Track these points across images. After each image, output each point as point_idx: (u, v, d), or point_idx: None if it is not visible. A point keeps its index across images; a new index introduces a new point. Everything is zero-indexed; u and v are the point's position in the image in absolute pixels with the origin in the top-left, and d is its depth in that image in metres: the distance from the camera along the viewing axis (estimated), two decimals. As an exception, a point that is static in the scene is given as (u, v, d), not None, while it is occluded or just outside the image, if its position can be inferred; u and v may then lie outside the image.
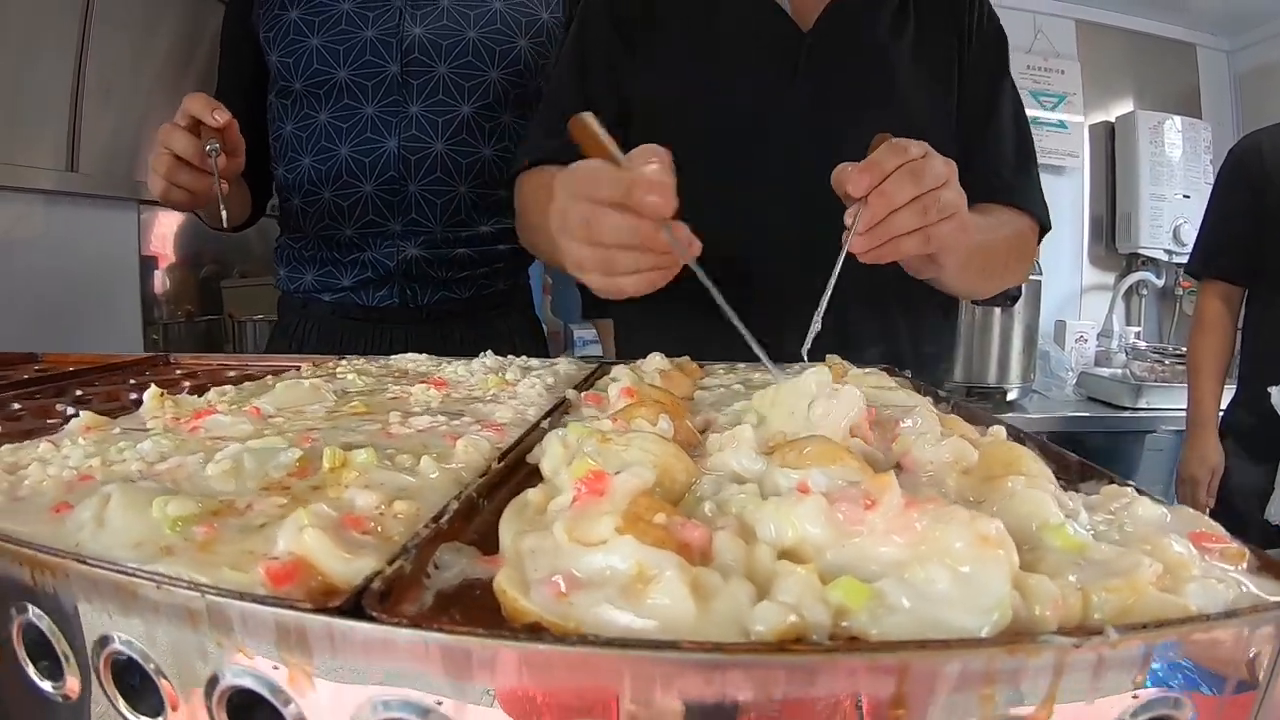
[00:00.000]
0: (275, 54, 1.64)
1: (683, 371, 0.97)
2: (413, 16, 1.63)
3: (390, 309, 1.67)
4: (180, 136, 1.31)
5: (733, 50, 1.38)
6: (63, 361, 1.38)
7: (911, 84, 1.38)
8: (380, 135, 1.62)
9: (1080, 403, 3.18)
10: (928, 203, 0.95)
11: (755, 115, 1.35)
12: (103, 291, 2.75)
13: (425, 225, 1.65)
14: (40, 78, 2.47)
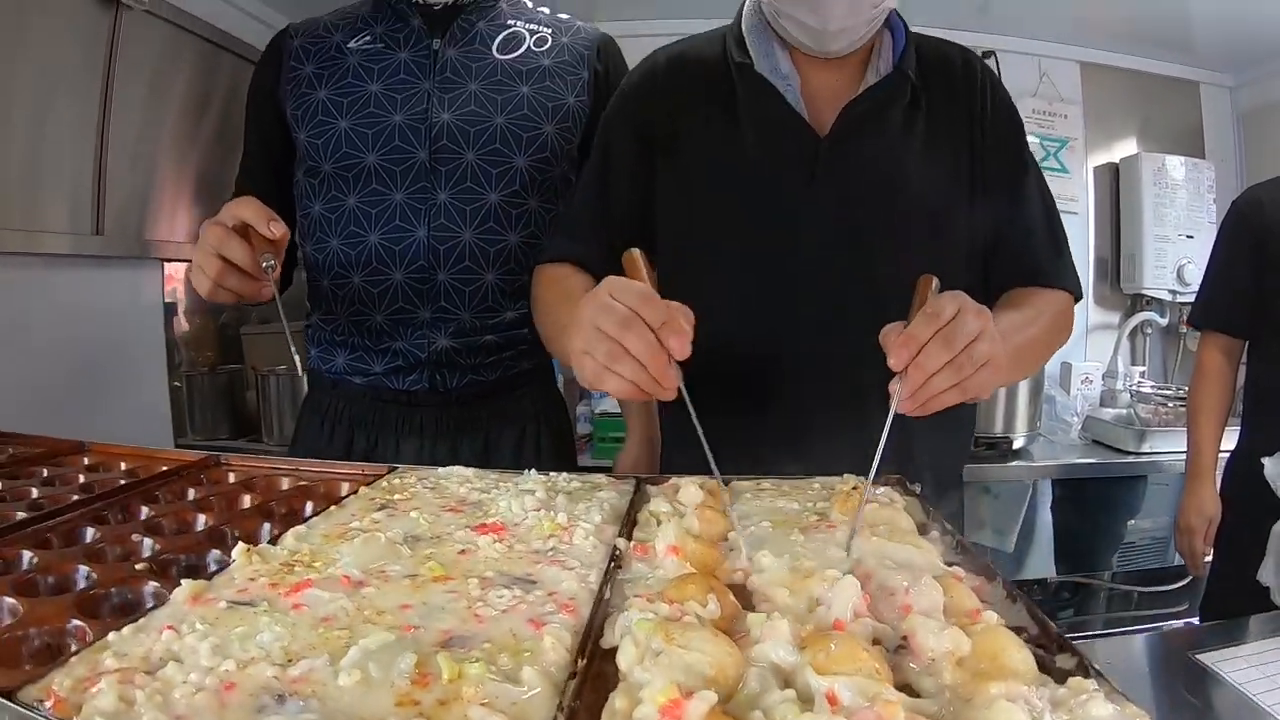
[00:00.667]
0: (303, 133, 1.69)
1: (713, 498, 1.07)
2: (441, 101, 1.67)
3: (420, 393, 1.71)
4: (235, 245, 1.36)
5: (753, 157, 1.45)
6: (111, 455, 1.45)
7: (927, 177, 1.45)
8: (410, 224, 1.66)
9: (1085, 447, 3.27)
10: (961, 362, 1.04)
11: (776, 221, 1.43)
12: (130, 347, 2.84)
13: (454, 313, 1.69)
14: (65, 142, 2.55)
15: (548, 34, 1.78)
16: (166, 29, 2.90)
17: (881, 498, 1.09)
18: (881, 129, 1.44)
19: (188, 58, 3.06)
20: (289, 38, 1.76)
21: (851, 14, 1.34)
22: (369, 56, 1.69)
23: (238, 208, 1.38)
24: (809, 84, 1.46)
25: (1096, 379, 3.74)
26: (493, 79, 1.70)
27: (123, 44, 2.69)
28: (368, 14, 1.75)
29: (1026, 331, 1.36)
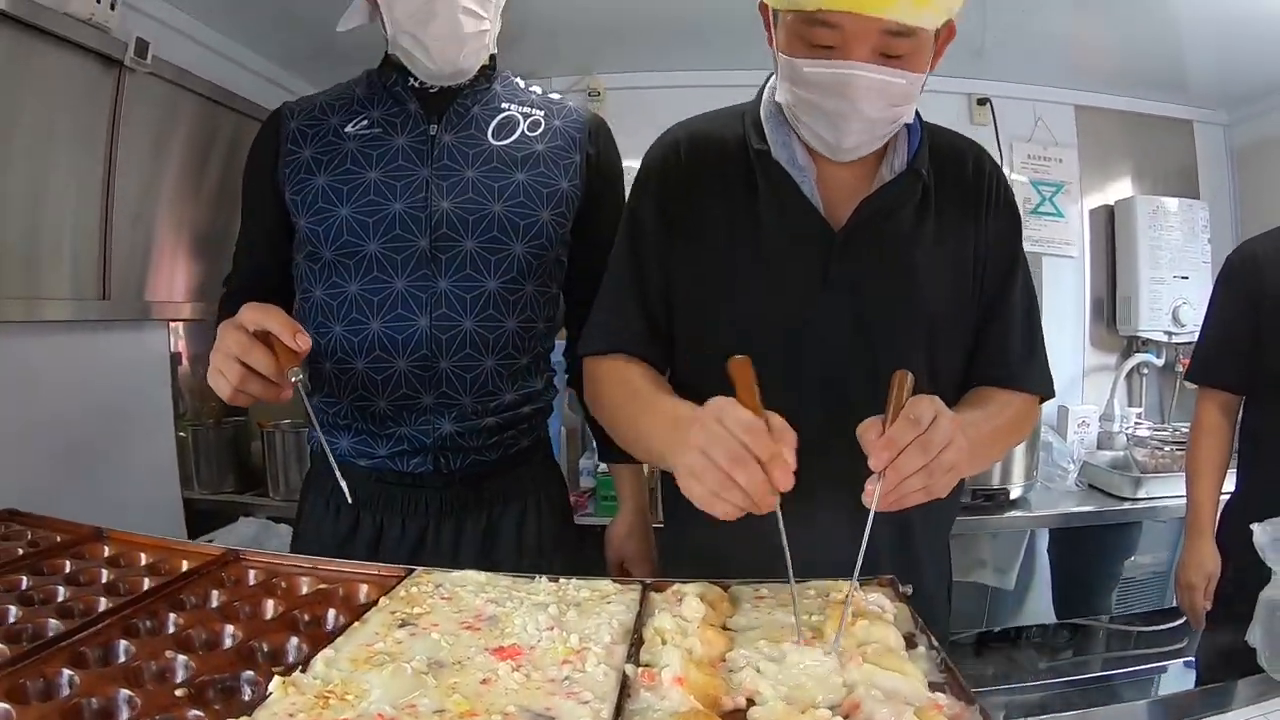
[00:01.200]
0: (304, 219, 1.71)
1: (715, 610, 1.14)
2: (440, 189, 1.70)
3: (425, 475, 1.75)
4: (259, 354, 1.40)
5: (770, 247, 1.50)
6: (130, 545, 1.51)
7: (933, 275, 1.50)
8: (412, 312, 1.69)
9: (1082, 494, 3.34)
10: (933, 468, 1.14)
11: (792, 314, 1.48)
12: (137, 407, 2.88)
13: (456, 398, 1.73)
14: (70, 207, 2.60)
15: (540, 117, 1.82)
16: (167, 88, 2.96)
17: (873, 608, 1.16)
18: (893, 227, 1.49)
19: (187, 115, 3.12)
20: (286, 119, 1.79)
21: (866, 133, 1.40)
22: (367, 142, 1.73)
23: (261, 316, 1.42)
24: (825, 175, 1.50)
25: (1093, 422, 3.82)
26: (489, 165, 1.74)
27: (126, 106, 2.75)
28: (363, 95, 1.79)
29: (985, 427, 1.43)
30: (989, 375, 1.55)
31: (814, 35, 1.31)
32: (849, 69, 1.30)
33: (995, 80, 4.01)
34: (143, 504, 2.84)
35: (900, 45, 1.29)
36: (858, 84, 1.30)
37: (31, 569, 1.39)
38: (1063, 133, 4.16)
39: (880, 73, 1.30)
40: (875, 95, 1.32)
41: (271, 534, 2.71)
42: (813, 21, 1.29)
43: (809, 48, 1.33)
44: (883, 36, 1.27)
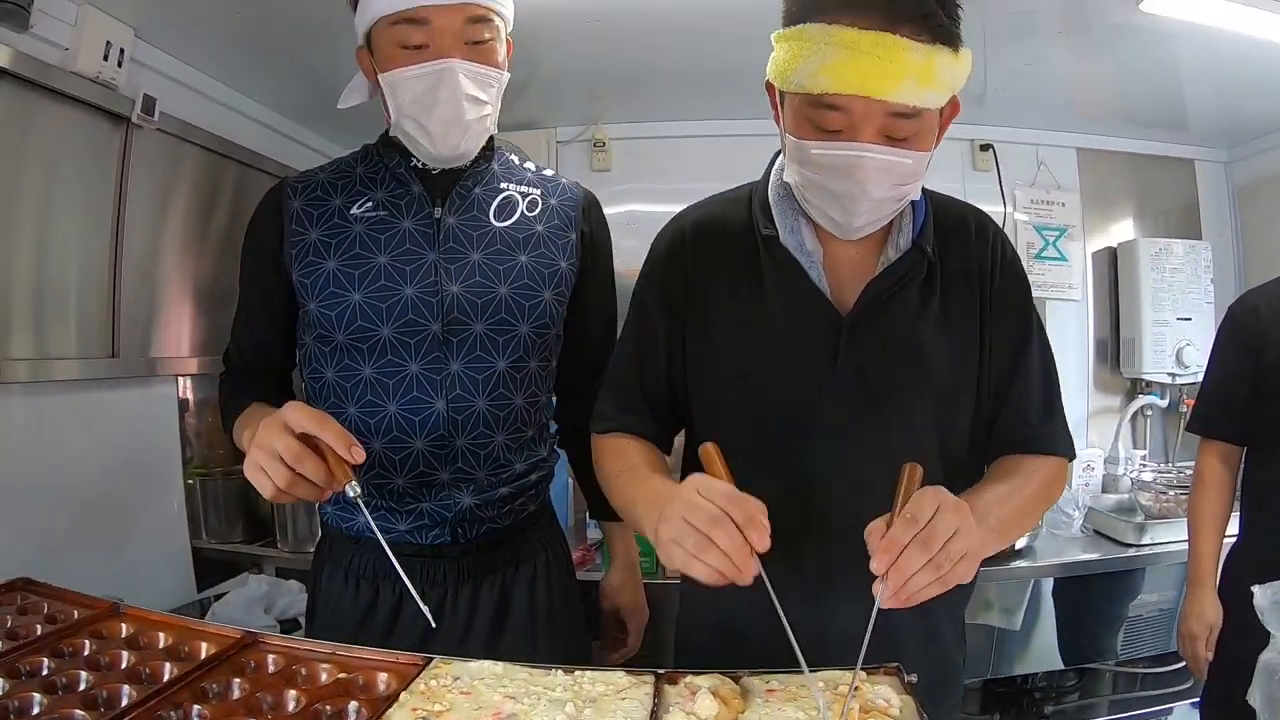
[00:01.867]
0: (314, 303, 1.74)
1: (728, 707, 1.18)
2: (448, 273, 1.74)
3: (442, 545, 1.80)
4: (312, 464, 1.41)
5: (778, 332, 1.53)
6: (147, 623, 1.54)
7: (940, 351, 1.53)
8: (427, 395, 1.74)
9: (1087, 540, 3.36)
10: (939, 560, 1.16)
11: (802, 400, 1.52)
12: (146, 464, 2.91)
13: (471, 473, 1.78)
14: (77, 265, 2.64)
15: (537, 196, 1.87)
16: (171, 142, 3.01)
17: (879, 701, 1.20)
18: (899, 306, 1.52)
19: (190, 168, 3.16)
20: (288, 197, 1.81)
21: (874, 212, 1.43)
22: (373, 225, 1.76)
23: (314, 423, 1.43)
24: (831, 257, 1.55)
25: (1098, 465, 3.85)
26: (493, 248, 1.79)
27: (133, 162, 2.80)
28: (365, 175, 1.82)
29: (1011, 502, 1.45)
30: (1012, 440, 1.58)
31: (821, 118, 1.34)
32: (857, 151, 1.33)
33: (997, 126, 4.06)
34: (153, 559, 2.89)
35: (906, 126, 1.32)
36: (865, 165, 1.34)
37: (52, 650, 1.42)
38: (1065, 176, 4.22)
39: (887, 153, 1.33)
40: (882, 176, 1.36)
41: (282, 591, 2.73)
42: (820, 105, 1.33)
43: (816, 130, 1.36)
44: (888, 118, 1.31)
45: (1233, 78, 3.45)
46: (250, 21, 2.77)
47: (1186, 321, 4.02)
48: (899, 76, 1.26)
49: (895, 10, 1.25)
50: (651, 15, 2.83)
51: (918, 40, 1.25)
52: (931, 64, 1.27)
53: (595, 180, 3.96)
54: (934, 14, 1.27)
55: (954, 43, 1.30)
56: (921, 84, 1.27)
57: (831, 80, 1.28)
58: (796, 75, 1.33)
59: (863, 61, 1.25)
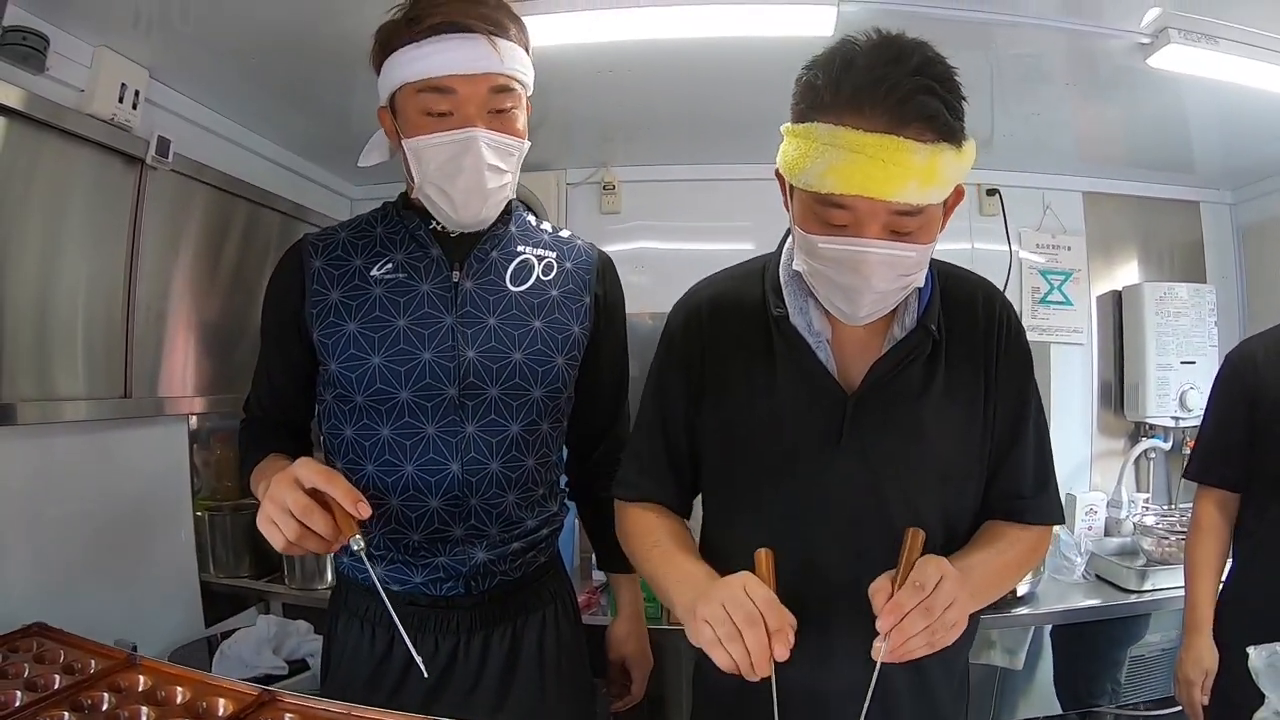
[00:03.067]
0: (334, 363, 1.79)
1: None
2: (465, 337, 1.79)
3: (456, 597, 1.84)
4: (319, 519, 1.46)
5: (787, 409, 1.60)
6: (163, 676, 1.60)
7: (943, 427, 1.59)
8: (443, 456, 1.78)
9: (1089, 586, 3.38)
10: (935, 627, 1.29)
11: (807, 474, 1.58)
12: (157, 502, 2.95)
13: (484, 529, 1.83)
14: (89, 307, 2.67)
15: (553, 259, 1.92)
16: (184, 182, 3.04)
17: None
18: (903, 384, 1.58)
19: (200, 207, 3.19)
20: (309, 256, 1.85)
21: (879, 302, 1.48)
22: (393, 288, 1.80)
23: (322, 480, 1.49)
24: (839, 336, 1.60)
25: (1101, 509, 3.88)
26: (509, 313, 1.84)
27: (146, 203, 2.84)
28: (385, 236, 1.87)
29: (993, 566, 1.56)
30: (1003, 508, 1.65)
31: (828, 215, 1.39)
32: (860, 247, 1.38)
33: (1004, 170, 4.11)
34: (163, 596, 2.92)
35: (909, 223, 1.37)
36: (869, 260, 1.39)
37: (72, 703, 1.48)
38: (1071, 219, 4.26)
39: (891, 249, 1.38)
40: (886, 269, 1.40)
41: (290, 632, 2.75)
42: (826, 203, 1.37)
43: (823, 225, 1.41)
44: (892, 216, 1.36)
45: (1238, 123, 3.49)
46: (264, 61, 2.82)
47: (1190, 365, 4.05)
48: (902, 178, 1.30)
49: (900, 112, 1.30)
50: (659, 65, 2.90)
51: (921, 141, 1.30)
52: (934, 163, 1.31)
53: (604, 221, 4.07)
54: (938, 114, 1.31)
55: (957, 140, 1.35)
56: (924, 184, 1.32)
57: (837, 181, 1.33)
58: (804, 174, 1.37)
59: (867, 164, 1.30)
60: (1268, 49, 2.71)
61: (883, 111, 1.30)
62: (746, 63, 2.83)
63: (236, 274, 3.39)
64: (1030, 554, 1.69)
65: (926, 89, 1.30)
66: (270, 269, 1.92)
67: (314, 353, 1.83)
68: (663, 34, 2.62)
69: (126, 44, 2.61)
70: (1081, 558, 3.48)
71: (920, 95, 1.30)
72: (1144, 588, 3.27)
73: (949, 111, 1.33)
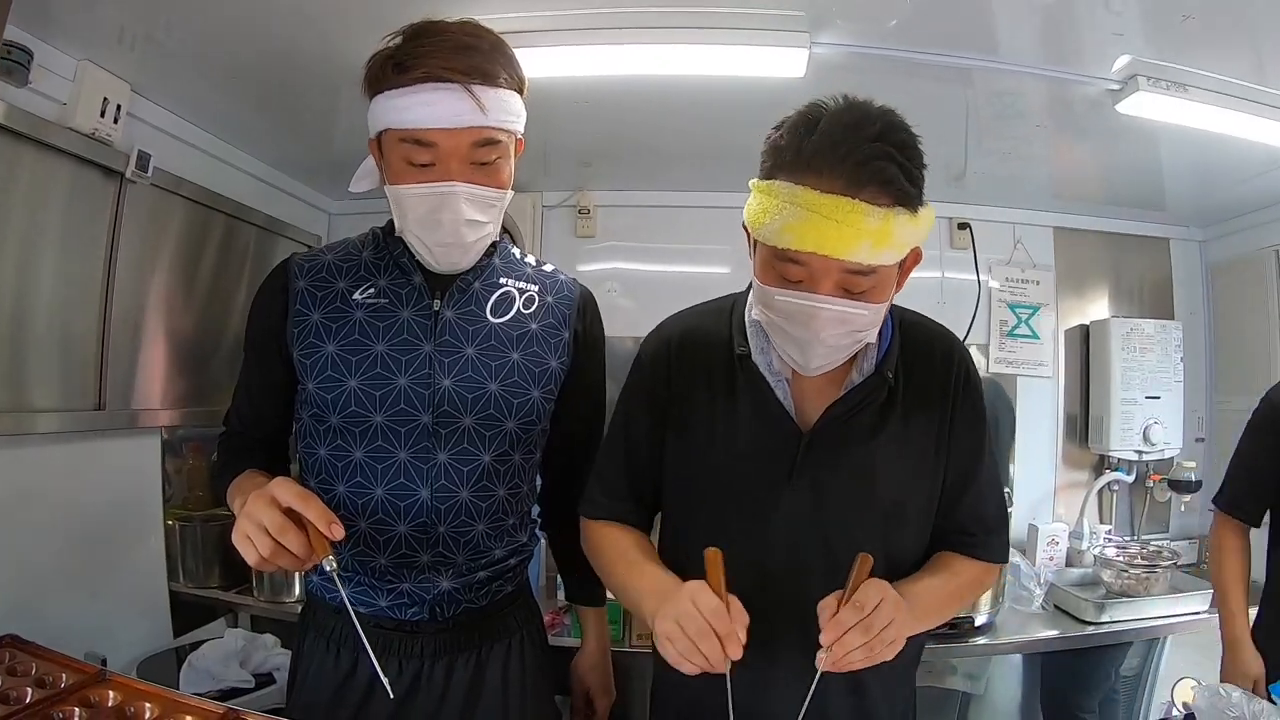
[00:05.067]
0: (311, 383, 1.80)
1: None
2: (441, 366, 1.80)
3: (420, 622, 1.86)
4: (294, 537, 1.49)
5: (744, 443, 1.69)
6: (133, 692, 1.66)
7: (894, 471, 1.67)
8: (413, 482, 1.80)
9: (1048, 617, 3.43)
10: (873, 644, 1.42)
11: (760, 505, 1.68)
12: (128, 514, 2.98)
13: (450, 558, 1.85)
14: (65, 319, 2.71)
15: (534, 293, 1.96)
16: (162, 196, 3.08)
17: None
18: (856, 427, 1.66)
19: (178, 220, 3.22)
20: (294, 276, 1.86)
21: (830, 355, 1.56)
22: (374, 313, 1.82)
23: (297, 500, 1.51)
24: (799, 378, 1.68)
25: (1063, 540, 3.95)
26: (487, 344, 1.86)
27: (125, 217, 2.87)
28: (370, 260, 1.89)
29: (938, 594, 1.69)
30: (955, 543, 1.77)
31: (784, 270, 1.47)
32: (813, 302, 1.46)
33: (976, 205, 4.21)
34: (132, 607, 2.96)
35: (862, 282, 1.45)
36: (821, 315, 1.47)
37: (44, 718, 1.52)
38: (1040, 254, 4.36)
39: (843, 306, 1.46)
40: (836, 324, 1.48)
41: (258, 646, 2.78)
42: (783, 258, 1.46)
43: (780, 279, 1.49)
44: (845, 275, 1.44)
45: (1209, 164, 3.58)
46: (246, 77, 2.85)
47: (1155, 400, 4.15)
48: (855, 240, 1.38)
49: (857, 176, 1.37)
50: (635, 97, 2.97)
51: (876, 204, 1.37)
52: (888, 226, 1.38)
53: (579, 244, 4.17)
54: (894, 180, 1.38)
55: (913, 205, 1.42)
56: (876, 245, 1.39)
57: (793, 238, 1.41)
58: (764, 228, 1.46)
59: (822, 223, 1.38)
60: (1237, 96, 2.80)
61: (840, 174, 1.37)
62: (720, 97, 2.91)
63: (213, 287, 3.42)
64: (974, 585, 1.83)
65: (884, 155, 1.38)
66: (247, 282, 1.97)
67: (293, 371, 1.85)
68: (641, 70, 2.69)
69: (110, 58, 2.65)
70: (1040, 588, 3.54)
71: (877, 161, 1.37)
72: (1101, 619, 3.33)
73: (906, 178, 1.40)
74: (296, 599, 3.21)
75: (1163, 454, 4.16)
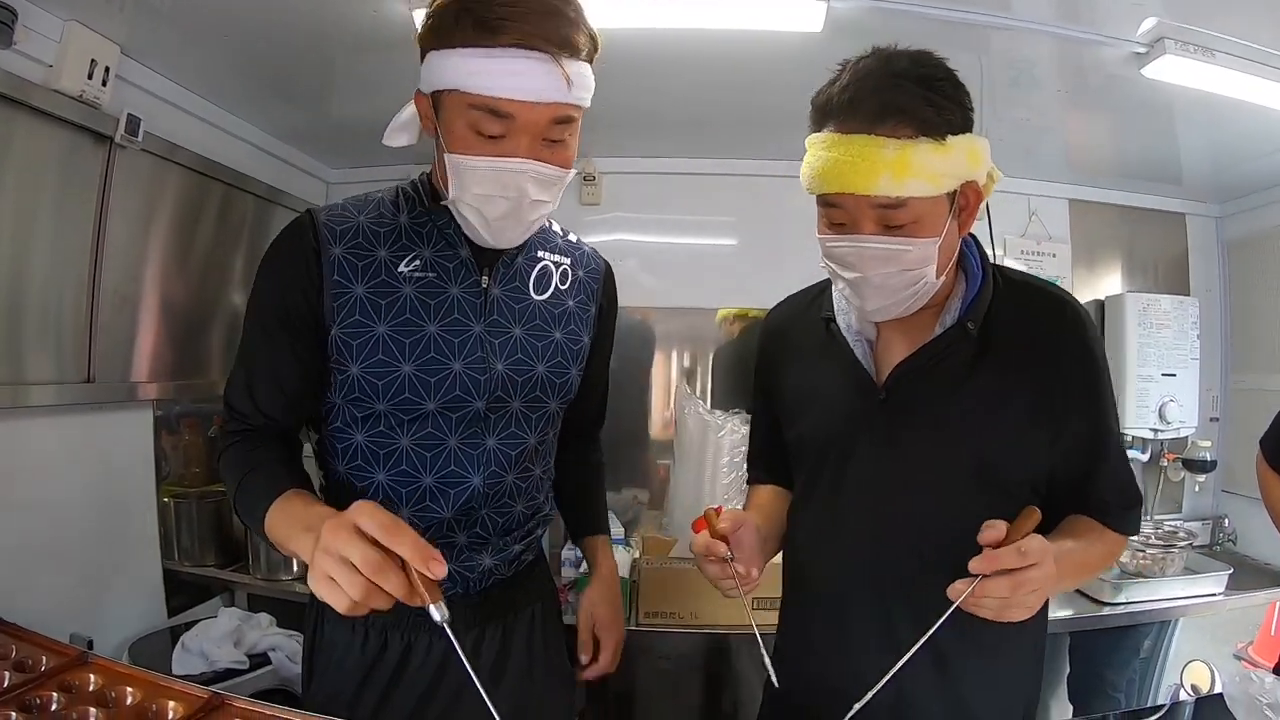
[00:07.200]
0: (357, 366, 1.63)
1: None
2: (493, 349, 1.70)
3: (454, 597, 1.73)
4: (395, 580, 1.23)
5: (827, 404, 1.72)
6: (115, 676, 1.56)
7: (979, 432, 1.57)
8: (464, 469, 1.70)
9: (1064, 597, 3.33)
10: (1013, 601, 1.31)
11: (839, 463, 1.68)
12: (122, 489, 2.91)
13: (487, 537, 1.78)
14: (57, 289, 2.63)
15: (568, 266, 1.85)
16: (156, 163, 2.99)
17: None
18: (938, 384, 1.60)
19: (173, 189, 3.14)
20: (327, 241, 1.64)
21: (888, 297, 1.53)
22: (424, 289, 1.67)
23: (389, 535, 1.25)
24: (883, 334, 1.69)
25: (1079, 519, 3.86)
26: (533, 323, 1.77)
27: (115, 183, 2.78)
28: (410, 227, 1.70)
29: (1077, 557, 1.54)
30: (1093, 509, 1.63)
31: (829, 215, 1.51)
32: (854, 243, 1.47)
33: (991, 175, 4.08)
34: (125, 586, 2.89)
35: (898, 216, 1.43)
36: (863, 254, 1.47)
37: (20, 703, 1.44)
38: (1056, 227, 4.28)
39: (882, 242, 1.45)
40: (882, 263, 1.47)
41: (253, 626, 2.72)
42: (824, 204, 1.50)
43: (828, 226, 1.53)
44: (878, 210, 1.43)
45: (1228, 138, 3.51)
46: (241, 41, 2.76)
47: (1171, 377, 4.07)
48: (871, 173, 1.38)
49: (878, 111, 1.39)
50: (645, 57, 2.85)
51: (895, 137, 1.38)
52: (905, 155, 1.37)
53: (583, 212, 4.06)
54: (911, 109, 1.38)
55: (938, 133, 1.39)
56: (897, 176, 1.38)
57: (821, 181, 1.45)
58: (806, 181, 1.50)
59: (842, 163, 1.41)
60: (1263, 63, 2.71)
61: (861, 113, 1.40)
62: (733, 58, 2.80)
63: (209, 258, 3.33)
64: (1106, 557, 1.71)
65: (903, 87, 1.39)
66: (244, 253, 1.82)
67: (326, 348, 1.66)
68: (651, 23, 2.57)
69: (97, 19, 2.55)
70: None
71: (893, 92, 1.39)
72: (1118, 600, 3.27)
73: (928, 104, 1.39)
74: (294, 576, 3.14)
75: (1178, 432, 4.08)
